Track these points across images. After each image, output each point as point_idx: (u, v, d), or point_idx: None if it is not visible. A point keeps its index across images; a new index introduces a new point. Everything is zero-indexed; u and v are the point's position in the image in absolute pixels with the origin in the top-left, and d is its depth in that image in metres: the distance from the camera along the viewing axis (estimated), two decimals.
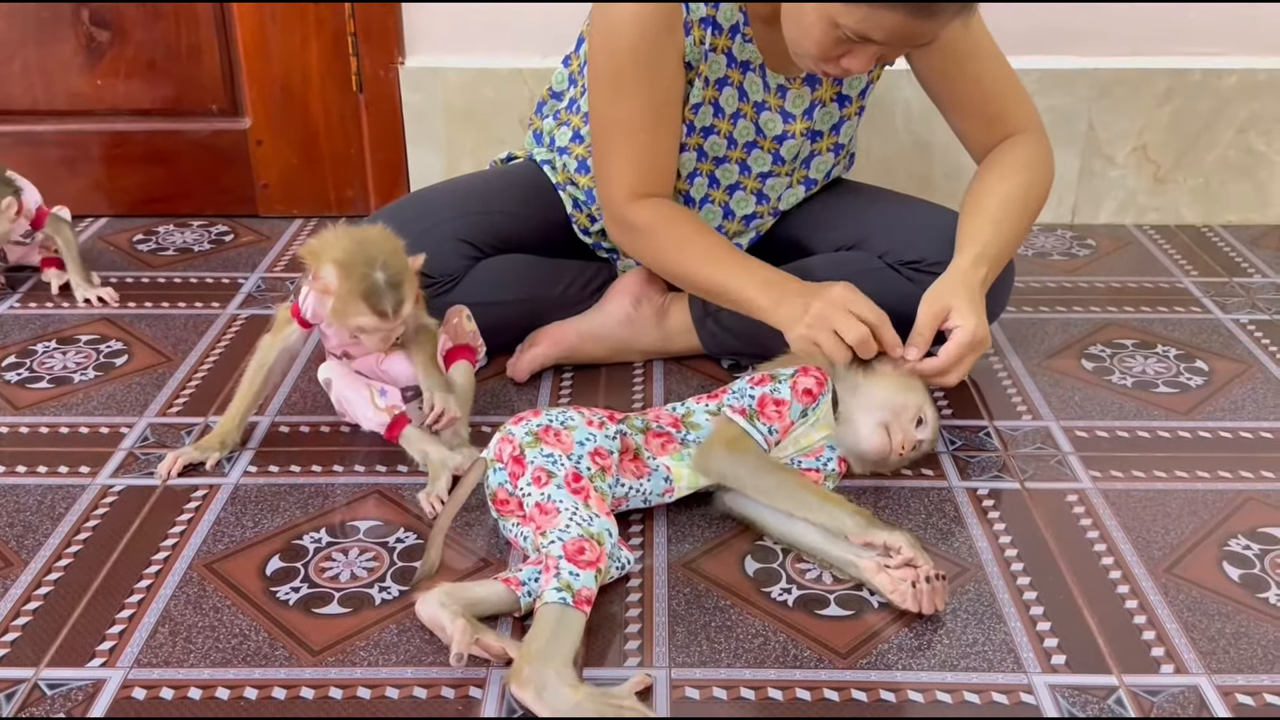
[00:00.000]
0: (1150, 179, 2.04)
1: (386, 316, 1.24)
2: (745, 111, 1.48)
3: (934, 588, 1.09)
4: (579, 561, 1.04)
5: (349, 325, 1.26)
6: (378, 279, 1.23)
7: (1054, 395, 1.49)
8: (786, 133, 1.50)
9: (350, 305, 1.23)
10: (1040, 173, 1.47)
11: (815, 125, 1.51)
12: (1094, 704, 0.99)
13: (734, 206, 1.56)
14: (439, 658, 1.04)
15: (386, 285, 1.23)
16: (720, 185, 1.55)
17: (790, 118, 1.49)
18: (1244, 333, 1.66)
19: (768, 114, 1.48)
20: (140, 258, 1.93)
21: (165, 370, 1.56)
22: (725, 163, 1.52)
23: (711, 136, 1.49)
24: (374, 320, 1.24)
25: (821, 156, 1.56)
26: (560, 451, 1.14)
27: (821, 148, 1.54)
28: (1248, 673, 1.03)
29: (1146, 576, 1.15)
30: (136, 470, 1.33)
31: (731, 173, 1.53)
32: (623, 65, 1.38)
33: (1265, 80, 1.97)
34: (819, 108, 1.50)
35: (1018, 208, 1.43)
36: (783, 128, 1.49)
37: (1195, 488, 1.30)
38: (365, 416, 1.32)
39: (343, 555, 1.18)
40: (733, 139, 1.49)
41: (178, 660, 1.04)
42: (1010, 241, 1.42)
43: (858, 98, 1.52)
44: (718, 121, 1.47)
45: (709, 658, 1.05)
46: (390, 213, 1.57)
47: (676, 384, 1.52)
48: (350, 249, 1.24)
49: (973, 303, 1.33)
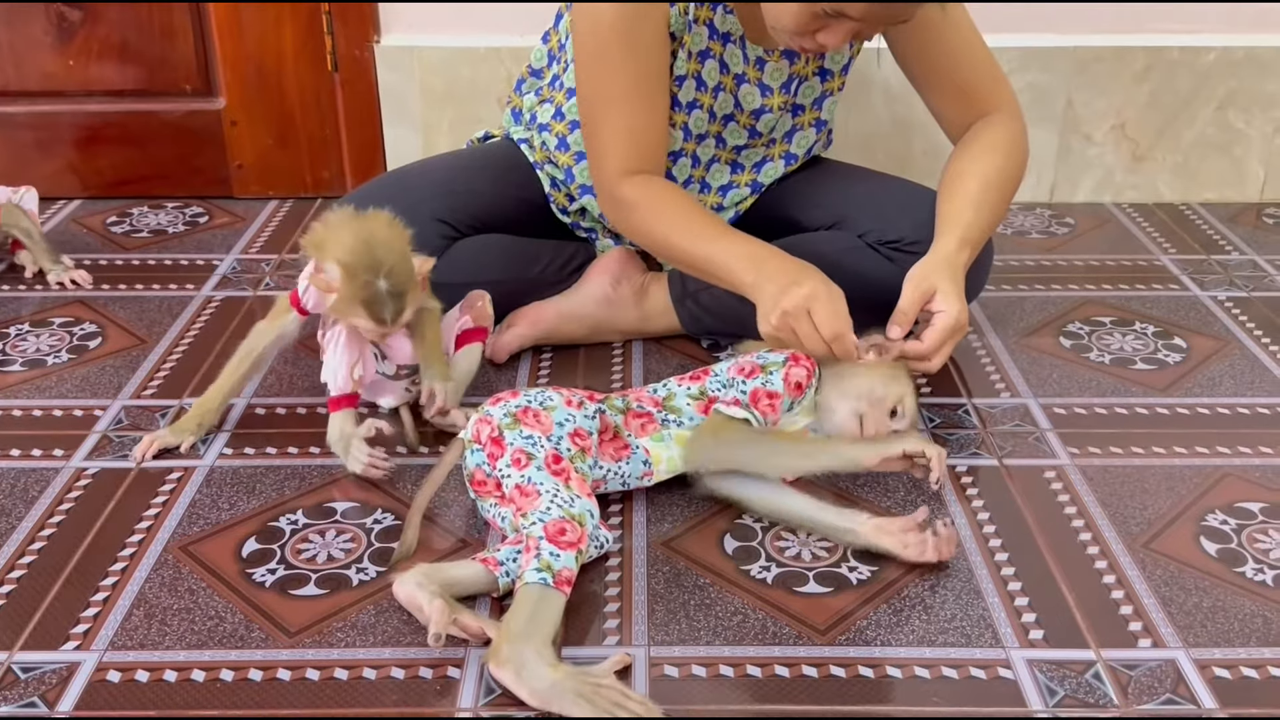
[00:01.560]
0: (1129, 157, 2.05)
1: (385, 324, 1.23)
2: (725, 84, 1.47)
3: (944, 536, 1.11)
4: (560, 542, 1.04)
5: (347, 323, 1.26)
6: (380, 288, 1.21)
7: (1032, 373, 1.49)
8: (764, 106, 1.49)
9: (350, 308, 1.23)
10: (1016, 153, 1.47)
11: (797, 100, 1.51)
12: (1072, 678, 1.00)
13: (710, 179, 1.56)
14: (417, 638, 1.04)
15: (388, 294, 1.22)
16: (701, 163, 1.54)
17: (768, 91, 1.48)
18: (1221, 309, 1.67)
19: (746, 86, 1.47)
20: (114, 240, 1.91)
21: (139, 353, 1.54)
22: (705, 139, 1.52)
23: (695, 111, 1.48)
24: (373, 326, 1.24)
25: (803, 131, 1.55)
26: (540, 433, 1.14)
27: (804, 122, 1.54)
28: (1224, 646, 1.04)
29: (1124, 552, 1.16)
30: (111, 453, 1.32)
31: (709, 148, 1.53)
32: (607, 40, 1.37)
33: (1244, 57, 1.97)
34: (801, 83, 1.50)
35: (996, 189, 1.42)
36: (760, 101, 1.49)
37: (1173, 463, 1.30)
38: (334, 373, 1.30)
39: (320, 537, 1.18)
40: (712, 112, 1.49)
41: (153, 643, 1.04)
42: (989, 224, 1.42)
43: (839, 73, 1.51)
44: (701, 95, 1.47)
45: (688, 636, 1.05)
46: (366, 192, 1.56)
47: (656, 364, 1.52)
48: (356, 249, 1.22)
49: (956, 287, 1.33)
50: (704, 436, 1.22)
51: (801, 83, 1.50)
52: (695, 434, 1.22)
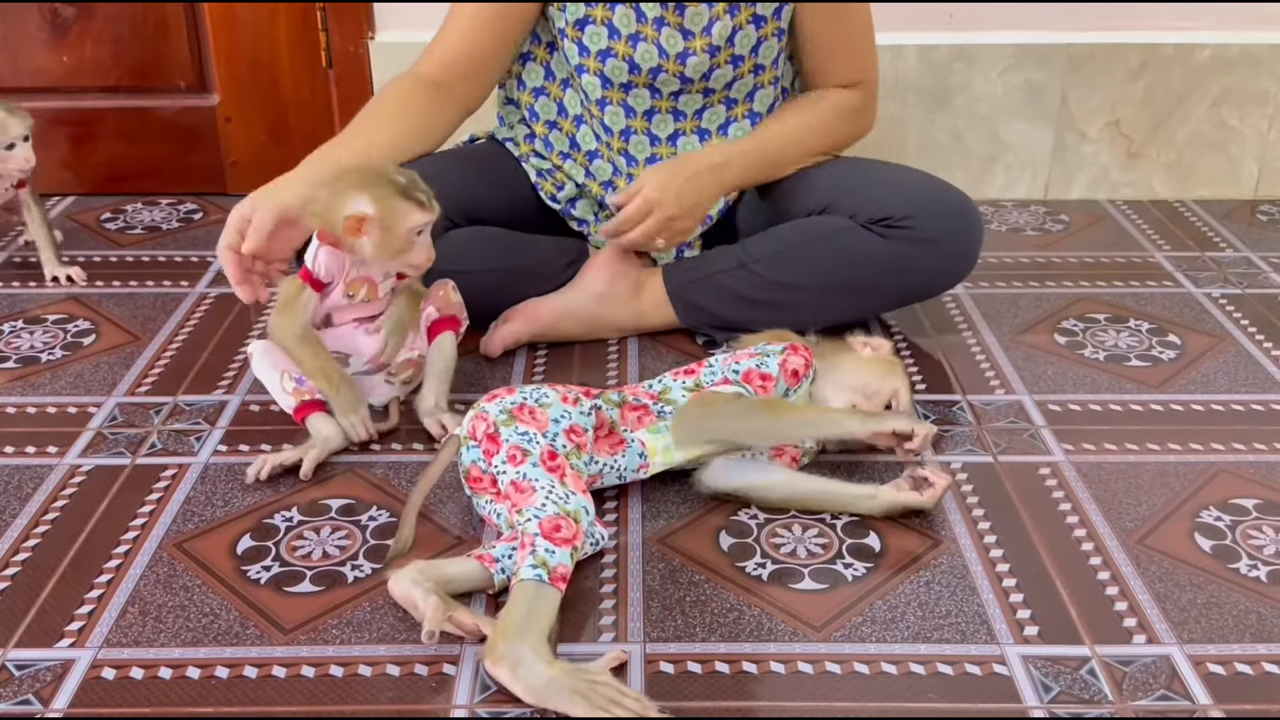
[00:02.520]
0: (1123, 154, 2.05)
1: (426, 205, 1.27)
2: (645, 33, 1.48)
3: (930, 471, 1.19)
4: (555, 539, 1.03)
5: (400, 235, 1.26)
6: (399, 179, 1.25)
7: (1027, 369, 1.50)
8: (688, 50, 1.49)
9: (394, 212, 1.24)
10: (844, 127, 1.59)
11: (737, 50, 1.51)
12: (1066, 674, 1.00)
13: (655, 130, 1.57)
14: (412, 635, 1.03)
15: (411, 181, 1.26)
16: (637, 114, 1.54)
17: (689, 35, 1.48)
18: (1216, 306, 1.67)
19: (667, 30, 1.48)
20: (108, 236, 1.90)
21: (134, 349, 1.54)
22: (633, 89, 1.52)
23: (610, 60, 1.48)
24: (421, 213, 1.26)
25: (743, 80, 1.55)
26: (535, 429, 1.14)
27: (743, 71, 1.54)
28: (1219, 642, 1.04)
29: (1119, 548, 1.16)
30: (105, 450, 1.31)
31: (642, 98, 1.53)
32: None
33: (1238, 55, 1.97)
34: (737, 31, 1.50)
35: (791, 134, 1.54)
36: (683, 44, 1.49)
37: (1167, 460, 1.31)
38: (276, 396, 1.33)
39: (314, 534, 1.18)
40: (632, 62, 1.49)
41: (148, 640, 1.03)
42: (759, 155, 1.52)
43: (772, 17, 1.51)
44: (614, 43, 1.48)
45: (683, 632, 1.05)
46: None
47: (651, 360, 1.52)
48: (359, 178, 1.26)
49: (673, 171, 1.45)
50: (693, 408, 1.22)
51: (737, 31, 1.50)
52: (684, 408, 1.23)
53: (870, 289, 1.50)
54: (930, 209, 1.46)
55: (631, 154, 1.57)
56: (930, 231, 1.45)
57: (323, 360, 1.31)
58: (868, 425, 1.23)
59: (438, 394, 1.35)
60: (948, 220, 1.48)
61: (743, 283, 1.49)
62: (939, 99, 1.99)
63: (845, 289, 1.49)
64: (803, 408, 1.27)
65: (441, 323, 1.38)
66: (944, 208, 1.48)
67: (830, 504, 1.21)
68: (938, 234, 1.46)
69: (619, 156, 1.58)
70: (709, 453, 1.23)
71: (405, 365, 1.37)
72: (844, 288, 1.48)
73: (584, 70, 1.50)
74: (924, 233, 1.45)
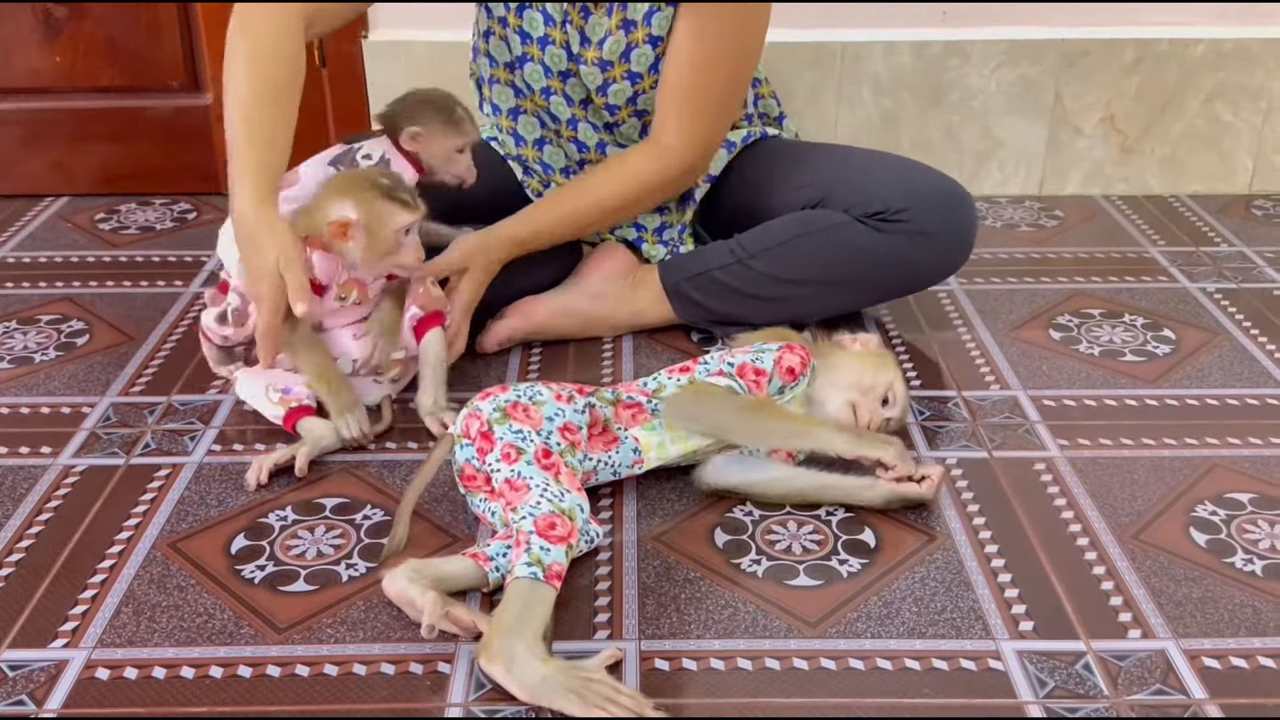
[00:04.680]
0: (1117, 149, 2.05)
1: (411, 206, 1.28)
2: (553, 36, 1.47)
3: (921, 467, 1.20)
4: (550, 537, 1.03)
5: (386, 238, 1.27)
6: (383, 182, 1.27)
7: (1022, 365, 1.49)
8: (580, 56, 1.49)
9: (379, 214, 1.26)
10: (632, 186, 1.50)
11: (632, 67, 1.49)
12: (1062, 669, 1.00)
13: (581, 138, 1.57)
14: (406, 634, 1.03)
15: (395, 182, 1.27)
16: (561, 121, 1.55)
17: (586, 42, 1.48)
18: (1210, 301, 1.67)
19: (570, 28, 1.47)
20: (102, 236, 1.90)
21: (127, 349, 1.54)
22: (551, 94, 1.53)
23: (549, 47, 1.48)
24: (406, 213, 1.27)
25: (639, 49, 1.48)
26: (529, 427, 1.14)
27: (643, 88, 1.51)
28: (1214, 636, 1.04)
29: (1114, 543, 1.16)
30: (99, 450, 1.31)
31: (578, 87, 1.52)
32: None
33: (1232, 50, 1.97)
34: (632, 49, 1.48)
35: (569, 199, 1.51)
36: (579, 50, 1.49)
37: (1162, 455, 1.31)
38: (264, 411, 1.33)
39: (309, 533, 1.17)
40: (545, 66, 1.50)
41: (141, 640, 1.03)
42: (555, 233, 1.50)
43: (642, 23, 1.47)
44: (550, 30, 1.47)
45: (678, 629, 1.05)
46: None
47: (646, 358, 1.52)
48: (342, 183, 1.29)
49: (477, 271, 1.44)
50: (686, 395, 1.22)
51: (632, 48, 1.48)
52: (676, 394, 1.22)
53: (866, 282, 1.50)
54: (925, 201, 1.45)
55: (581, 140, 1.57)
56: (926, 223, 1.45)
57: (323, 363, 1.31)
58: (856, 449, 1.20)
59: (435, 392, 1.34)
60: (943, 211, 1.47)
61: (739, 278, 1.49)
62: (933, 95, 1.99)
63: (841, 282, 1.49)
64: (794, 416, 1.26)
65: (427, 320, 1.38)
66: (939, 198, 1.48)
67: (830, 497, 1.21)
68: (933, 226, 1.46)
69: (569, 144, 1.58)
70: (702, 448, 1.23)
71: (392, 364, 1.37)
72: (840, 281, 1.48)
73: (528, 60, 1.50)
74: (920, 225, 1.44)
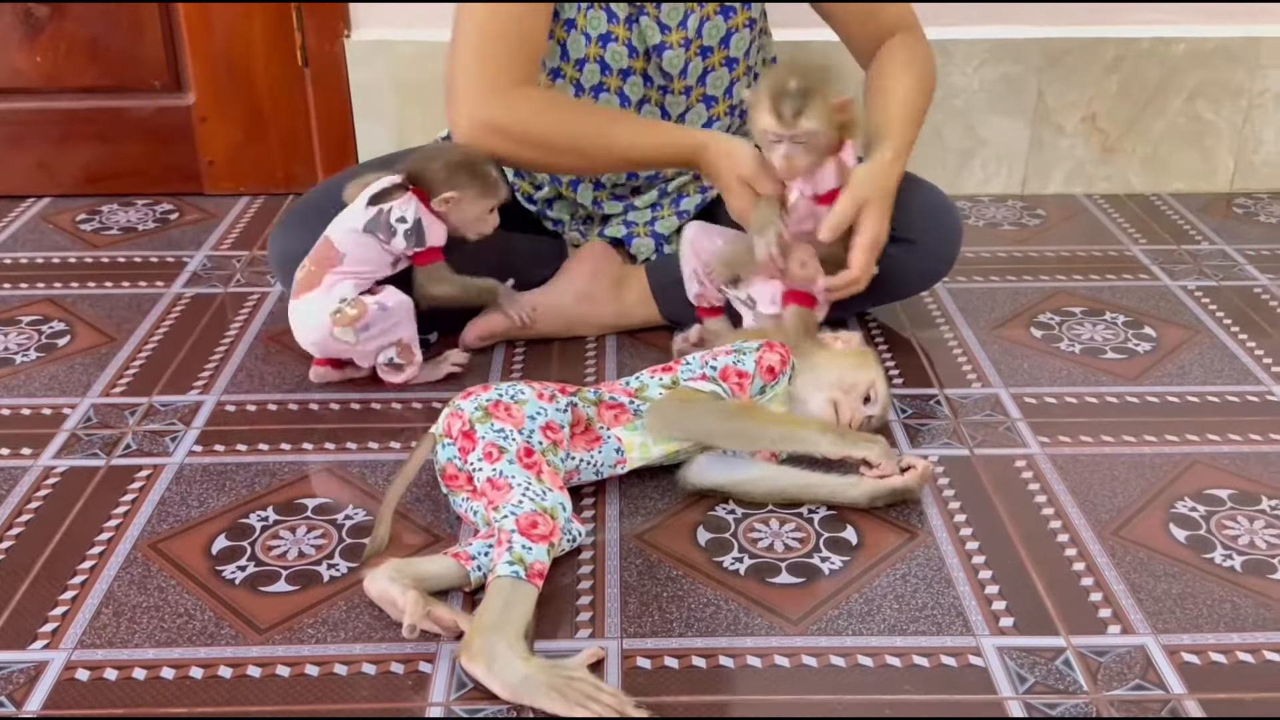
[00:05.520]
0: (1099, 148, 2.06)
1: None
2: (634, 14, 1.47)
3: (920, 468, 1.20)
4: (532, 535, 1.03)
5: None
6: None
7: (1003, 363, 1.50)
8: (664, 43, 1.49)
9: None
10: (929, 71, 1.53)
11: (705, 41, 1.50)
12: (1042, 665, 1.00)
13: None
14: (388, 634, 1.03)
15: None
16: (631, 104, 1.53)
17: (666, 29, 1.48)
18: (1191, 299, 1.68)
19: (645, 20, 1.47)
20: (83, 237, 1.89)
21: (108, 350, 1.53)
22: (630, 75, 1.51)
23: (611, 45, 1.48)
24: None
25: (715, 72, 1.53)
26: (511, 426, 1.14)
27: (714, 63, 1.53)
28: (1193, 632, 1.04)
29: (1094, 539, 1.16)
30: (79, 451, 1.31)
31: (637, 86, 1.52)
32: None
33: (1213, 49, 1.98)
34: (704, 22, 1.49)
35: (916, 107, 1.48)
36: (660, 37, 1.48)
37: (1142, 451, 1.31)
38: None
39: (290, 533, 1.17)
40: (631, 46, 1.49)
41: (121, 641, 1.03)
42: (913, 138, 1.47)
43: (742, 8, 1.51)
44: (613, 27, 1.47)
45: (660, 628, 1.05)
46: (334, 181, 1.55)
47: (630, 358, 1.52)
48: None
49: (885, 205, 1.38)
50: (669, 403, 1.22)
51: (704, 22, 1.49)
52: (659, 402, 1.22)
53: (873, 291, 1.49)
54: (911, 211, 1.45)
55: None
56: (912, 233, 1.45)
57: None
58: (842, 449, 1.21)
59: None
60: (928, 221, 1.48)
61: None
62: None
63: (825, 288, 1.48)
64: (779, 418, 1.26)
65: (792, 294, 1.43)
66: (924, 209, 1.47)
67: (814, 496, 1.21)
68: (919, 235, 1.46)
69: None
70: (685, 449, 1.23)
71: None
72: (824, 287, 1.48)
73: (585, 61, 1.48)
74: (905, 234, 1.44)
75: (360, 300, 1.35)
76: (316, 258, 1.37)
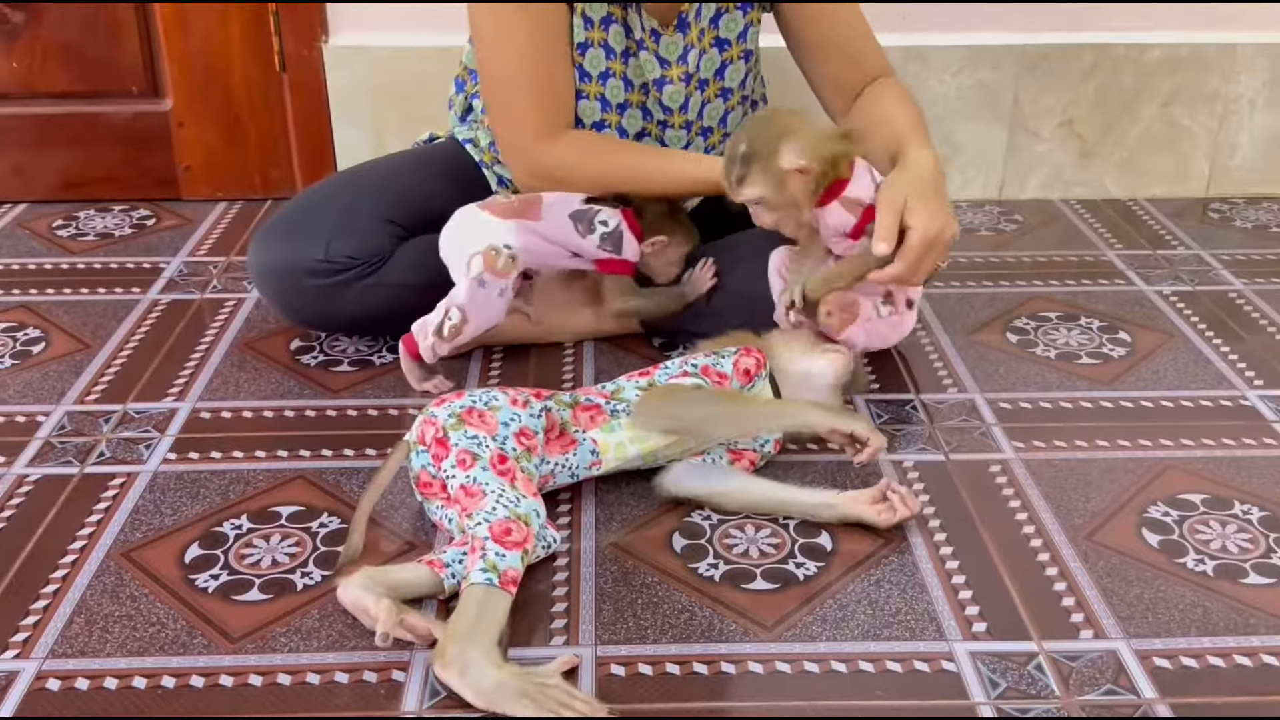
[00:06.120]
0: (1076, 154, 2.07)
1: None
2: (633, 49, 1.48)
3: (902, 494, 1.17)
4: (505, 542, 1.03)
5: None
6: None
7: (979, 368, 1.50)
8: (664, 78, 1.50)
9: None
10: (918, 107, 1.51)
11: (701, 74, 1.51)
12: (1014, 670, 1.00)
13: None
14: (361, 642, 1.03)
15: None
16: (629, 136, 1.54)
17: (666, 64, 1.49)
18: (1166, 304, 1.69)
19: (645, 54, 1.48)
20: (60, 243, 1.88)
21: (84, 357, 1.52)
22: (627, 108, 1.51)
23: (610, 80, 1.48)
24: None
25: (711, 104, 1.55)
26: (485, 433, 1.13)
27: (709, 95, 1.54)
28: (1165, 636, 1.05)
29: (1067, 544, 1.17)
30: (53, 459, 1.30)
31: (635, 119, 1.52)
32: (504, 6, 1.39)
33: (1188, 54, 2.00)
34: (701, 55, 1.50)
35: (922, 127, 1.45)
36: (660, 72, 1.49)
37: (1116, 456, 1.32)
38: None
39: (264, 541, 1.17)
40: (628, 80, 1.49)
41: (93, 650, 1.02)
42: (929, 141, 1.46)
43: (736, 40, 1.52)
44: (611, 63, 1.47)
45: (635, 635, 1.05)
46: (315, 193, 1.55)
47: (608, 364, 1.52)
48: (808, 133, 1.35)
49: (924, 197, 1.30)
50: (655, 395, 1.23)
51: (701, 55, 1.50)
52: (645, 395, 1.23)
53: None
54: None
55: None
56: None
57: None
58: (828, 420, 1.23)
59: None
60: None
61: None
62: None
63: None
64: (766, 399, 1.28)
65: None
66: None
67: (788, 512, 1.21)
68: None
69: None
70: (663, 449, 1.23)
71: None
72: None
73: (583, 96, 1.49)
74: None
75: (515, 261, 1.37)
76: (521, 201, 1.42)
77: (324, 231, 1.46)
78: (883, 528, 1.18)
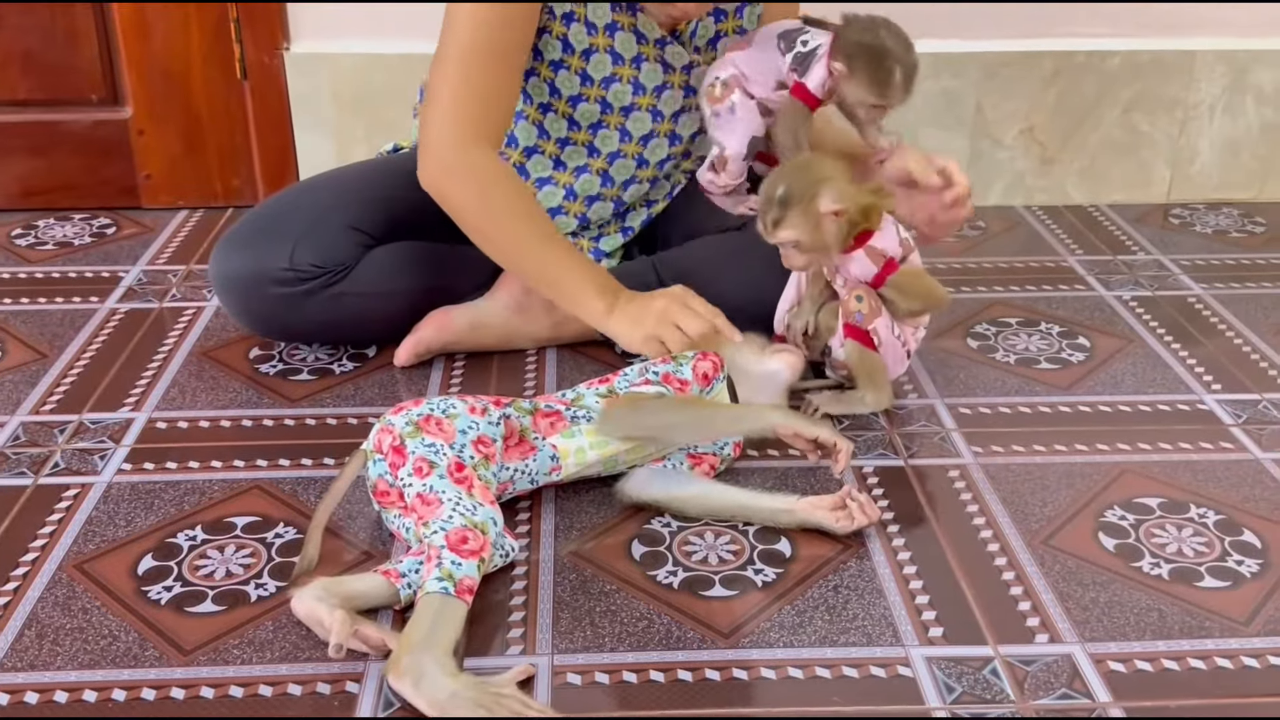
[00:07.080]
0: (1037, 160, 2.08)
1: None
2: (645, 53, 1.48)
3: (862, 503, 1.17)
4: (462, 551, 1.03)
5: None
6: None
7: (940, 373, 1.51)
8: (635, 105, 1.50)
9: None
10: None
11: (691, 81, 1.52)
12: (969, 674, 1.01)
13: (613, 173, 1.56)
14: (315, 654, 1.02)
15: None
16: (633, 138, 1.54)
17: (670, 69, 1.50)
18: (1126, 309, 1.70)
19: (648, 65, 1.48)
20: (18, 253, 1.86)
21: (40, 367, 1.51)
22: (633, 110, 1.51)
23: (615, 85, 1.48)
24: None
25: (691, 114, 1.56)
26: (442, 441, 1.13)
27: (692, 104, 1.54)
28: (1120, 640, 1.05)
29: (1024, 548, 1.17)
30: (6, 470, 1.28)
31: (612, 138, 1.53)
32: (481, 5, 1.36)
33: (1148, 61, 2.01)
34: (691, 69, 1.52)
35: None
36: (663, 78, 1.50)
37: (1073, 460, 1.32)
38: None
39: (218, 553, 1.16)
40: (637, 83, 1.49)
41: (44, 663, 1.01)
42: None
43: (706, 48, 1.52)
44: (619, 69, 1.47)
45: (592, 643, 1.04)
46: (278, 200, 1.54)
47: (569, 371, 1.51)
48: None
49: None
50: (619, 404, 1.23)
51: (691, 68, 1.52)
52: (609, 403, 1.23)
53: None
54: None
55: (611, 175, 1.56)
56: None
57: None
58: (790, 422, 1.23)
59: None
60: None
61: None
62: None
63: (760, 304, 1.48)
64: (728, 404, 1.29)
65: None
66: None
67: (748, 517, 1.21)
68: None
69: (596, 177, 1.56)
70: (623, 454, 1.23)
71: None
72: (758, 303, 1.48)
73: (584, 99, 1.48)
74: None
75: (730, 87, 1.42)
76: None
77: (288, 240, 1.45)
78: (839, 532, 1.18)
